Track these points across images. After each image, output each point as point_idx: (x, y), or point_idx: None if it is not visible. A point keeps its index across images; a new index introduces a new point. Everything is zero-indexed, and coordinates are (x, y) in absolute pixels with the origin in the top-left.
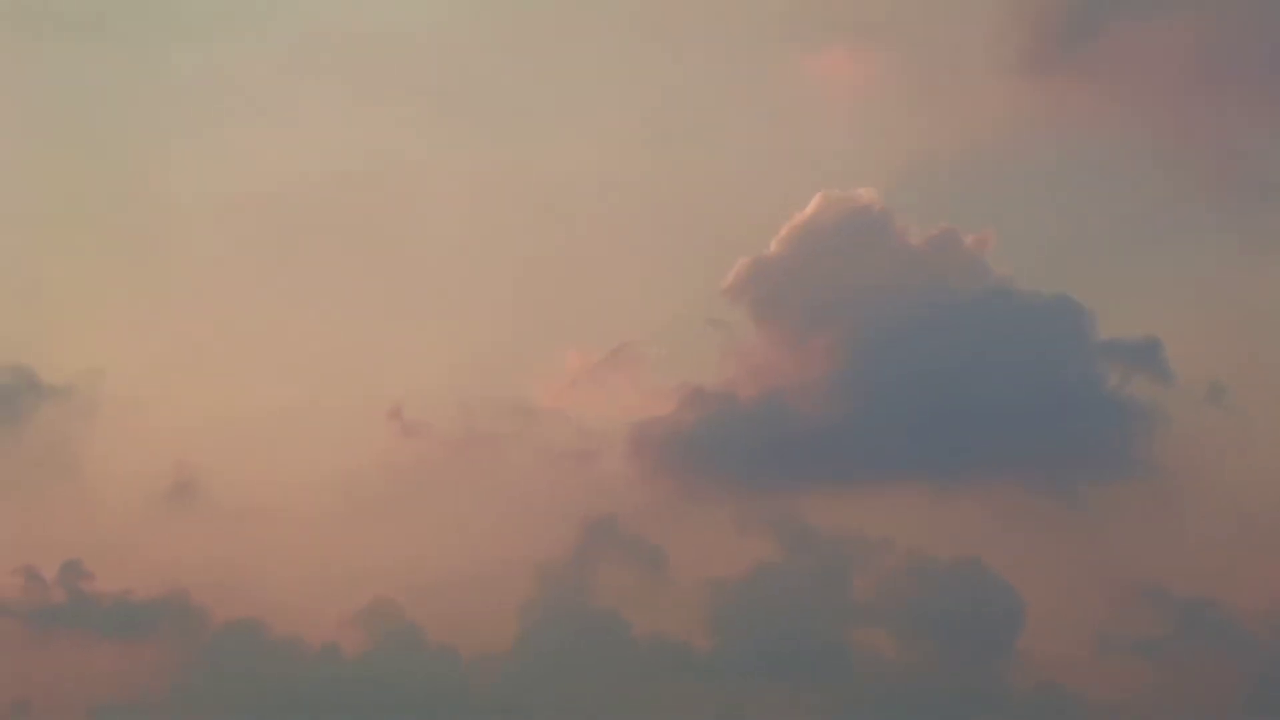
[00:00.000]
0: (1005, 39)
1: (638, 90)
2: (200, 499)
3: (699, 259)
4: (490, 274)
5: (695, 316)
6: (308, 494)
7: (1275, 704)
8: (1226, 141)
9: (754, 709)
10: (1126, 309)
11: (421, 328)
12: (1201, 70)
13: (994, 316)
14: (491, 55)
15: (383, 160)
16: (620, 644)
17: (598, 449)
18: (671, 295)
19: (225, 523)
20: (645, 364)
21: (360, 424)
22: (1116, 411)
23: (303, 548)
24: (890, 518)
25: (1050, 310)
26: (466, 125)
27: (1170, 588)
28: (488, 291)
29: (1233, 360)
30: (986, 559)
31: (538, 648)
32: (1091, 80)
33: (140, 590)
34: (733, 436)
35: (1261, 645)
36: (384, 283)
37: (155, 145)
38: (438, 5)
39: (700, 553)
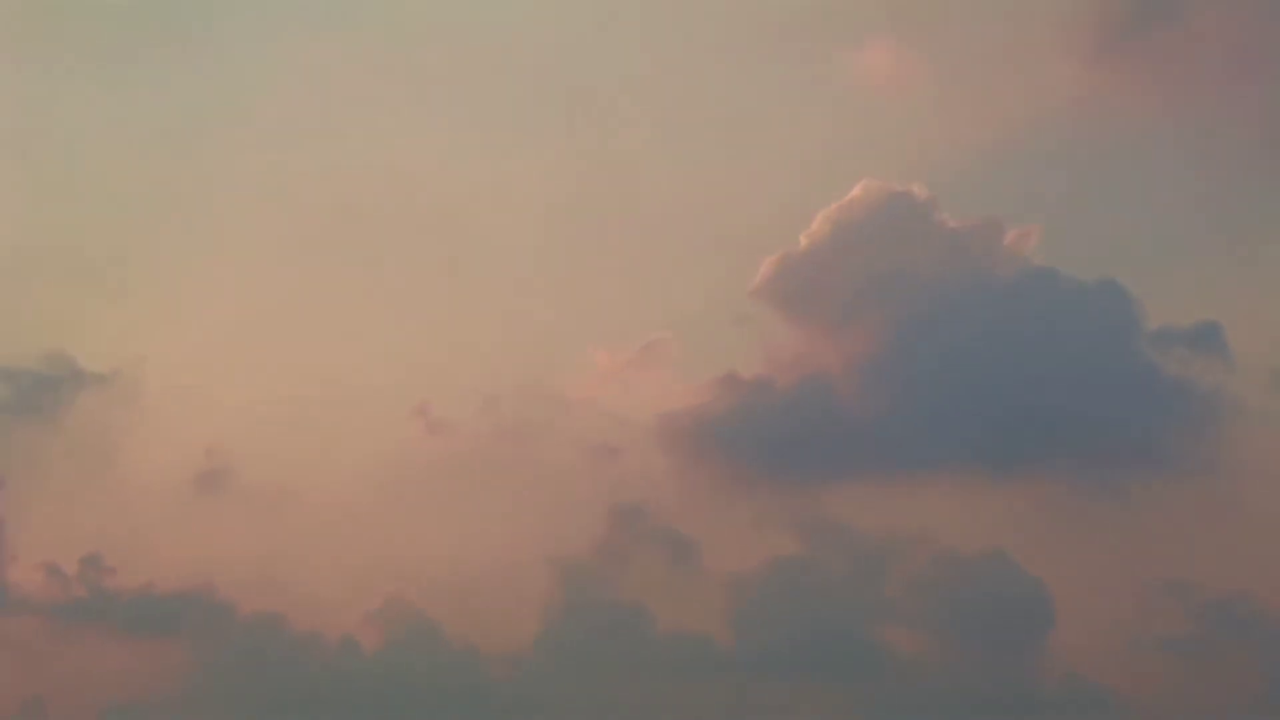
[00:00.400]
0: (1052, 31)
1: (675, 88)
2: (228, 489)
3: (731, 255)
4: (522, 271)
5: (726, 312)
6: (335, 487)
7: None
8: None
9: (781, 706)
10: (1180, 298)
11: (452, 324)
12: (1252, 56)
13: (1036, 301)
14: (530, 54)
15: (414, 159)
16: (645, 640)
17: (625, 442)
18: (702, 292)
19: (253, 514)
20: (675, 359)
21: (388, 419)
22: (1170, 402)
23: (328, 541)
24: (922, 512)
25: (1096, 294)
26: (500, 125)
27: (1205, 584)
28: (520, 289)
29: None
30: (1018, 555)
31: (560, 644)
32: (1141, 68)
33: (164, 584)
34: (762, 430)
35: None
36: (419, 278)
37: (203, 136)
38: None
39: (728, 547)
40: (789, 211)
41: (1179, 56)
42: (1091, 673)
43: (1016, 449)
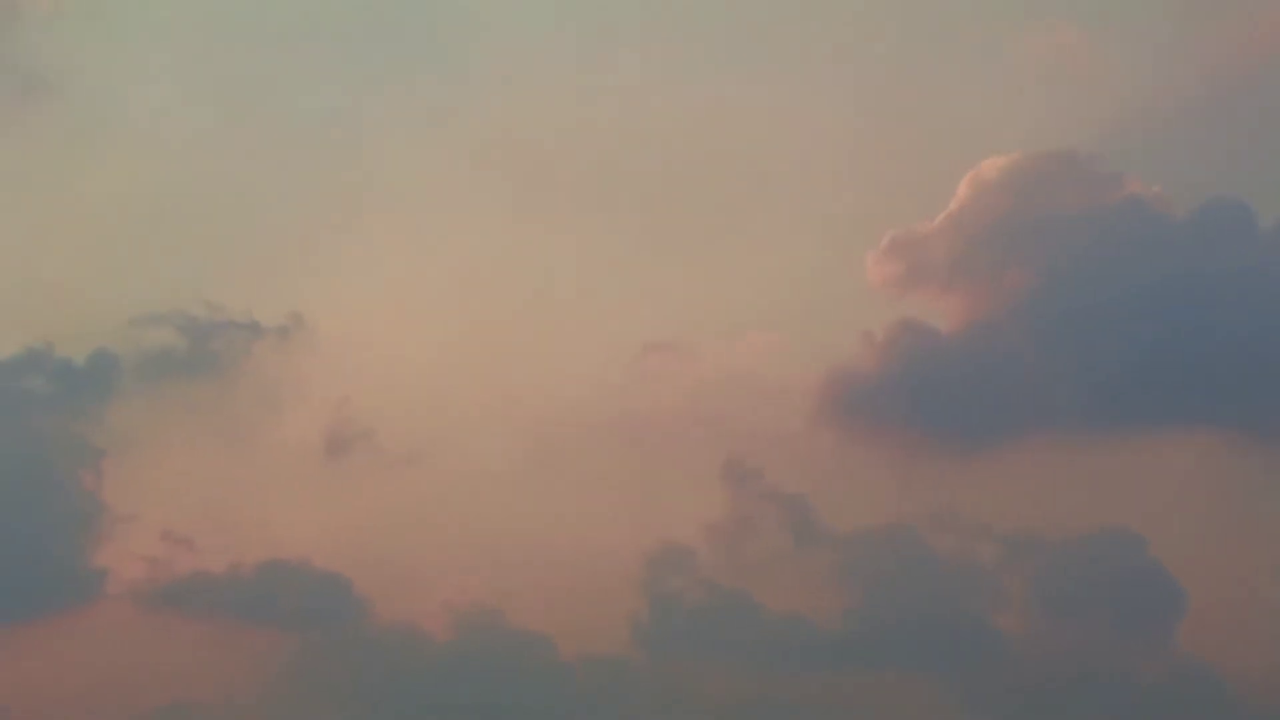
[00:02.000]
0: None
1: (851, 71)
2: (359, 454)
3: (853, 230)
4: (645, 253)
5: (863, 278)
6: (449, 466)
7: None
8: None
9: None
10: None
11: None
12: None
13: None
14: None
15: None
16: (750, 625)
17: (739, 423)
18: (833, 260)
19: (380, 484)
20: (782, 344)
21: (501, 404)
22: None
23: (431, 522)
24: (1046, 487)
25: None
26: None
27: None
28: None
29: None
30: (1150, 533)
31: (661, 633)
32: None
33: (268, 560)
34: (889, 406)
35: None
36: (551, 253)
37: (377, 97)
38: None
39: (844, 521)
40: (944, 179)
41: None
42: (1220, 665)
43: (1173, 414)
